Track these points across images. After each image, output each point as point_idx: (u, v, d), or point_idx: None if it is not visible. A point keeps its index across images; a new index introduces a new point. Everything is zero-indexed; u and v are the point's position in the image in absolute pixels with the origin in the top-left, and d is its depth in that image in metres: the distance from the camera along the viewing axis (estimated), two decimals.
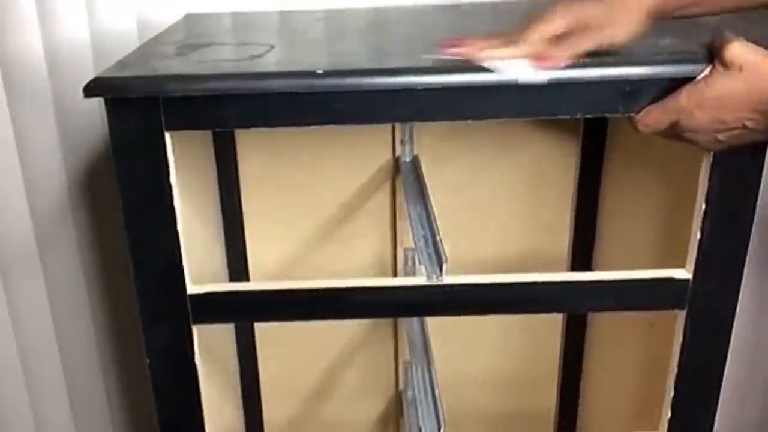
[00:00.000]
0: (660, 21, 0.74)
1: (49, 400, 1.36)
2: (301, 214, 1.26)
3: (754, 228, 0.80)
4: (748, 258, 0.81)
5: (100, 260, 1.31)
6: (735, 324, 0.84)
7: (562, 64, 0.70)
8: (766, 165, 0.78)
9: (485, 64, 0.70)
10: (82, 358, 1.36)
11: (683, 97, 0.70)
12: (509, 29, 0.73)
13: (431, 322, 1.09)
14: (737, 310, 0.83)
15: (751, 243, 0.81)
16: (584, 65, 0.71)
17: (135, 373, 1.38)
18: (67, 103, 1.18)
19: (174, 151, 0.75)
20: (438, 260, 0.84)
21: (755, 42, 0.69)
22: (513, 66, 0.69)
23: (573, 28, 0.71)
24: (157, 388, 0.85)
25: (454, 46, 0.73)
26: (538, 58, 0.70)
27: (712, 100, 0.69)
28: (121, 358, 1.38)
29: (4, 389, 1.33)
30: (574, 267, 1.29)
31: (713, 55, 0.70)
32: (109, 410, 1.41)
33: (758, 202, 0.78)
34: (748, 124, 0.68)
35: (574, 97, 0.74)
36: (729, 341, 0.85)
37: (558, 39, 0.71)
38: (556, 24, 0.71)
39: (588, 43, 0.70)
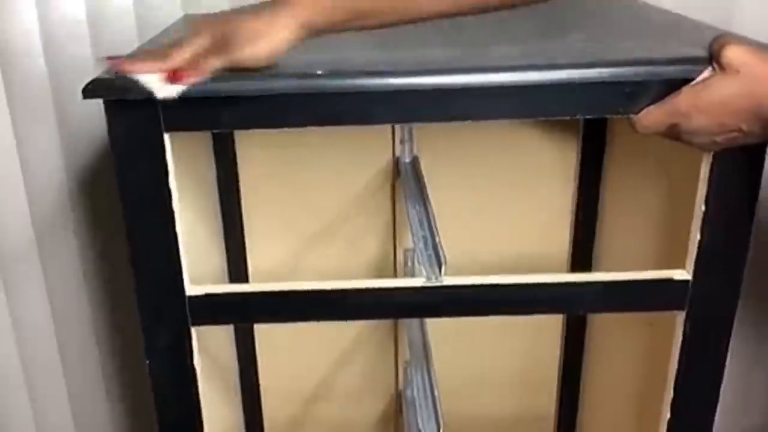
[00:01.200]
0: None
1: (49, 400, 1.37)
2: (300, 215, 1.26)
3: (753, 228, 0.80)
4: (748, 258, 0.81)
5: (99, 260, 1.31)
6: (734, 325, 0.84)
7: (193, 81, 0.69)
8: (766, 165, 0.78)
9: (130, 76, 0.70)
10: (82, 358, 1.36)
11: (682, 100, 0.70)
12: (169, 43, 0.73)
13: (431, 322, 1.09)
14: (737, 311, 0.83)
15: (750, 243, 0.81)
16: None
17: (135, 373, 1.38)
18: (67, 103, 1.18)
19: (173, 151, 0.75)
20: (437, 261, 0.84)
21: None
22: (150, 80, 0.70)
23: (217, 44, 0.70)
24: (156, 389, 0.85)
25: (111, 60, 0.73)
26: (172, 74, 0.70)
27: (710, 103, 0.68)
28: (121, 359, 1.38)
29: (4, 389, 1.33)
30: (574, 268, 1.29)
31: (712, 57, 0.70)
32: (109, 410, 1.41)
33: (758, 203, 0.78)
34: (744, 127, 0.68)
35: (574, 97, 0.74)
36: (729, 342, 0.84)
37: (201, 54, 0.70)
38: (202, 39, 0.71)
39: (220, 61, 0.70)
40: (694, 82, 0.70)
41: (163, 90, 0.70)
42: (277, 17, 0.70)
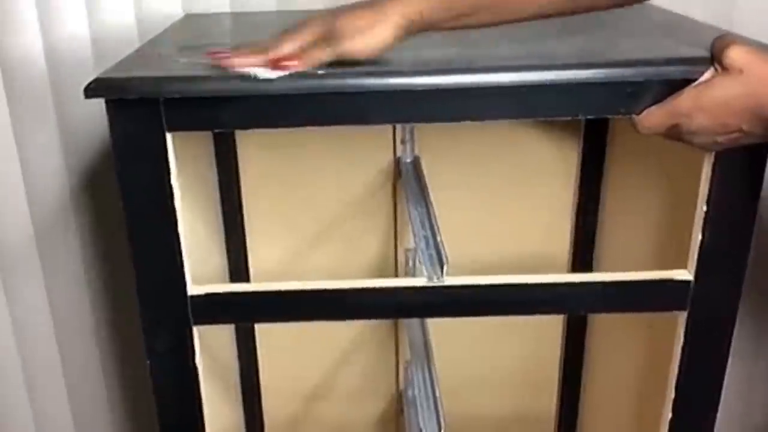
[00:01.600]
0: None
1: (49, 400, 1.37)
2: (301, 215, 1.26)
3: (755, 228, 0.80)
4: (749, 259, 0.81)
5: (100, 261, 1.30)
6: (736, 325, 0.84)
7: (297, 69, 0.70)
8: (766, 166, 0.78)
9: (232, 70, 0.71)
10: (82, 358, 1.36)
11: (684, 100, 0.70)
12: (268, 38, 0.74)
13: (432, 322, 1.09)
14: (738, 310, 0.83)
15: (752, 243, 0.81)
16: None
17: (135, 373, 1.38)
18: (67, 103, 1.18)
19: (174, 151, 0.75)
20: (439, 261, 0.84)
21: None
22: (256, 72, 0.71)
23: (323, 37, 0.71)
24: (157, 389, 0.85)
25: (215, 54, 0.74)
26: (276, 65, 0.70)
27: (712, 103, 0.68)
28: (122, 359, 1.38)
29: (4, 389, 1.33)
30: (575, 268, 1.29)
31: (714, 57, 0.69)
32: (109, 411, 1.41)
33: (759, 203, 0.78)
34: (745, 127, 0.68)
35: (575, 98, 0.74)
36: (730, 343, 0.84)
37: (307, 46, 0.72)
38: (306, 34, 0.72)
39: (322, 54, 0.71)
40: (696, 83, 0.70)
41: (265, 74, 0.70)
42: (383, 13, 0.71)
